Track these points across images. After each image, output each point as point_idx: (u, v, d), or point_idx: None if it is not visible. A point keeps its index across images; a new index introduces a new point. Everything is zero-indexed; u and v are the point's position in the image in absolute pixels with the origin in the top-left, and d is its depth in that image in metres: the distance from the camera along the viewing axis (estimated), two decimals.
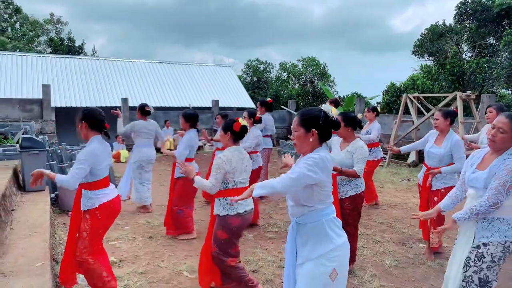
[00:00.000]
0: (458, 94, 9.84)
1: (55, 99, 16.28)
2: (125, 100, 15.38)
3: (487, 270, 2.44)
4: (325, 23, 78.56)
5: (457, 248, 2.66)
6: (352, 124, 3.74)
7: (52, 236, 4.44)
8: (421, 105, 11.64)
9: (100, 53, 36.61)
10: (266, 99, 6.70)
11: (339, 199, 3.70)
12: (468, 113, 13.29)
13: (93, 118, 3.12)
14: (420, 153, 10.68)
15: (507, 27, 17.84)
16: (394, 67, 64.86)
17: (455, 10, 19.59)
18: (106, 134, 3.24)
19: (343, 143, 3.82)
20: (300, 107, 22.98)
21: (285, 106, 19.46)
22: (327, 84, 27.32)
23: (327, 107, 2.24)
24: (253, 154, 5.38)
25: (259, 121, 5.51)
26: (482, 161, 2.59)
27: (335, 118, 2.23)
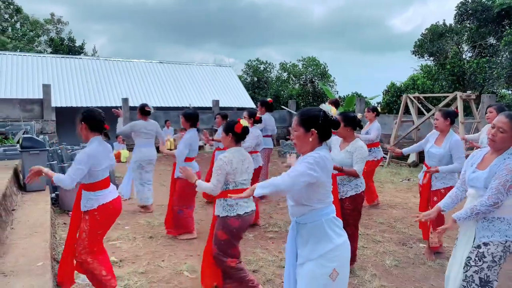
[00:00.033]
0: (459, 94, 9.84)
1: (55, 99, 16.30)
2: (125, 100, 15.39)
3: (488, 270, 2.44)
4: (325, 23, 78.68)
5: (457, 248, 2.66)
6: (352, 124, 3.73)
7: (52, 236, 4.45)
8: (422, 105, 11.64)
9: (101, 53, 36.72)
10: (267, 99, 6.68)
11: (339, 199, 3.70)
12: (468, 113, 13.29)
13: (93, 119, 3.12)
14: (421, 153, 10.67)
15: (507, 27, 17.84)
16: (394, 67, 65.02)
17: (455, 10, 19.60)
18: (106, 135, 3.23)
19: (343, 143, 3.82)
20: (300, 107, 22.99)
21: (285, 106, 19.47)
22: (327, 84, 27.33)
23: (326, 106, 2.24)
24: (253, 154, 5.38)
25: (259, 121, 5.52)
26: (482, 160, 2.60)
27: (334, 118, 2.23)
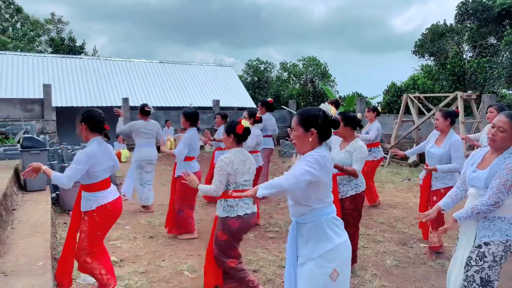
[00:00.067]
0: (459, 94, 9.84)
1: (56, 99, 16.31)
2: (126, 100, 15.39)
3: (489, 270, 2.44)
4: (325, 23, 78.59)
5: (458, 248, 2.66)
6: (352, 123, 3.73)
7: (53, 236, 4.45)
8: (422, 105, 11.64)
9: (101, 53, 36.75)
10: (267, 99, 6.67)
11: (340, 199, 3.70)
12: (469, 113, 13.28)
13: (93, 120, 3.11)
14: (421, 154, 10.63)
15: (508, 27, 17.83)
16: (394, 67, 64.96)
17: (456, 10, 19.60)
18: (106, 136, 3.22)
19: (342, 142, 3.82)
20: (300, 107, 22.98)
21: (285, 106, 19.48)
22: (327, 84, 27.32)
23: (326, 106, 2.24)
24: (253, 153, 5.38)
25: (259, 120, 5.51)
26: (483, 160, 2.59)
27: (334, 118, 2.22)
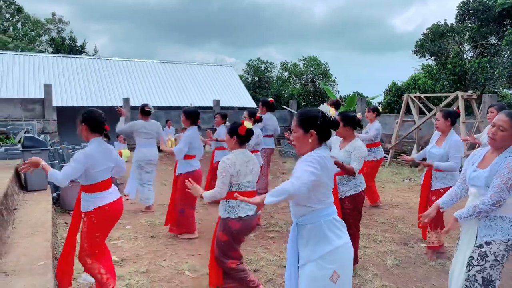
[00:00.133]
0: (460, 94, 9.82)
1: (56, 99, 16.33)
2: (126, 100, 15.41)
3: (491, 269, 2.43)
4: (326, 22, 78.47)
5: (459, 247, 2.65)
6: (351, 123, 3.73)
7: (54, 235, 4.45)
8: (423, 104, 11.63)
9: (102, 52, 36.70)
10: (268, 99, 6.65)
11: (339, 199, 3.70)
12: (469, 113, 13.27)
13: (93, 120, 3.10)
14: None
15: (508, 27, 17.81)
16: (395, 67, 64.86)
17: (457, 9, 19.56)
18: (106, 136, 3.21)
19: (342, 142, 3.82)
20: (301, 106, 22.99)
21: (286, 105, 19.47)
22: (328, 84, 27.29)
23: (325, 107, 2.23)
24: (253, 153, 5.37)
25: (259, 120, 5.51)
26: (483, 159, 2.59)
27: (333, 118, 2.22)
